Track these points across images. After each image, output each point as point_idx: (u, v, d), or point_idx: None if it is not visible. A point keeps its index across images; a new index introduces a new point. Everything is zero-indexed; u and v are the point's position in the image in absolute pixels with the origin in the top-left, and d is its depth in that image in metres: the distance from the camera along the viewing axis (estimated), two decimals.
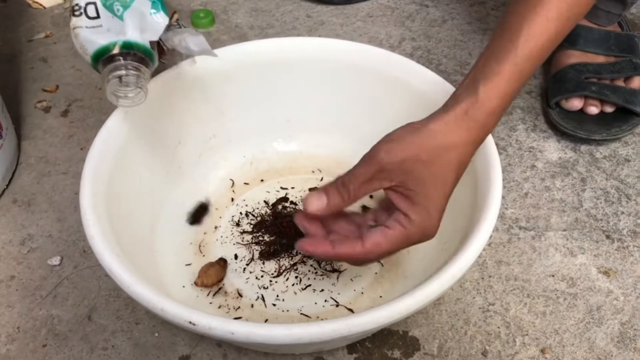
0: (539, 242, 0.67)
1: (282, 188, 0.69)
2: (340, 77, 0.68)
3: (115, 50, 0.50)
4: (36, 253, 0.66)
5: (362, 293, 0.60)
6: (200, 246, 0.64)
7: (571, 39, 0.79)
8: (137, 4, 0.50)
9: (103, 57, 0.51)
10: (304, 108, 0.70)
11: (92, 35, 0.49)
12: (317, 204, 0.49)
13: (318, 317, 0.58)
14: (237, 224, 0.66)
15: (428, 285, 0.46)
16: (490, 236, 0.66)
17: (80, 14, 0.49)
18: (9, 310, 0.62)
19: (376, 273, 0.62)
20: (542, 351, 0.58)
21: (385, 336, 0.59)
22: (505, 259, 0.65)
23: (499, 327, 0.60)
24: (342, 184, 0.48)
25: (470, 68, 0.50)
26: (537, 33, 0.47)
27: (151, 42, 0.52)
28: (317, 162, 0.71)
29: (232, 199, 0.68)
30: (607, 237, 0.67)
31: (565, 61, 0.79)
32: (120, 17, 0.49)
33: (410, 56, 0.88)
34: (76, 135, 0.79)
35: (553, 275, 0.64)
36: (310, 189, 0.69)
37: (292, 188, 0.69)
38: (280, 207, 0.67)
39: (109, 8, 0.49)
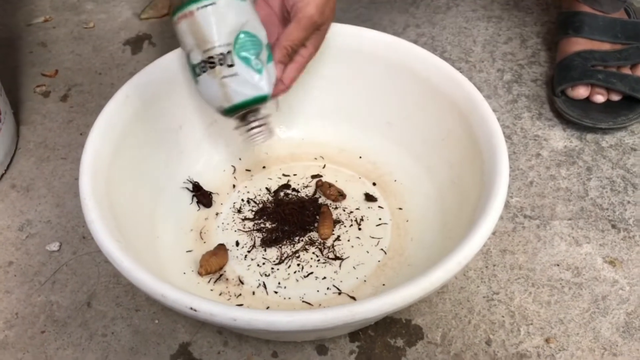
0: (544, 231, 0.66)
1: (284, 175, 0.68)
2: (343, 63, 0.67)
3: (261, 104, 0.55)
4: (35, 239, 0.66)
5: (365, 281, 0.60)
6: (201, 233, 0.63)
7: (576, 26, 0.78)
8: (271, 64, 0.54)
9: (243, 110, 0.54)
10: (306, 94, 0.69)
11: (238, 86, 0.52)
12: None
13: (320, 304, 0.58)
14: (239, 211, 0.65)
15: (432, 273, 0.45)
16: (495, 225, 0.66)
17: (223, 63, 0.51)
18: (7, 296, 0.61)
19: (379, 261, 0.61)
20: (547, 340, 0.57)
21: (388, 324, 0.59)
22: (509, 247, 0.64)
23: (503, 317, 0.59)
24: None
25: None
26: None
27: None
28: (320, 149, 0.70)
29: (234, 186, 0.67)
30: (613, 226, 0.66)
31: (571, 49, 0.78)
32: (259, 71, 0.52)
33: (415, 43, 0.87)
34: (75, 120, 0.78)
35: (558, 265, 0.63)
36: (312, 176, 0.68)
37: (295, 175, 0.68)
38: (282, 194, 0.66)
39: (244, 60, 0.52)
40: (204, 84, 0.53)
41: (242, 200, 0.66)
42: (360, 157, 0.70)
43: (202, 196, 0.65)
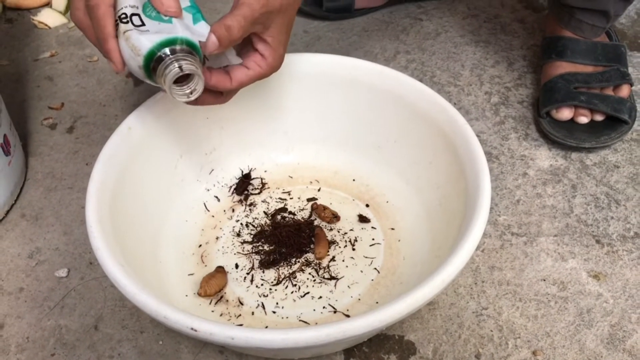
0: (530, 248, 0.69)
1: (280, 199, 0.72)
2: (336, 91, 0.70)
3: (169, 48, 0.51)
4: (44, 265, 0.69)
5: (359, 299, 0.62)
6: (202, 256, 0.66)
7: (558, 50, 0.81)
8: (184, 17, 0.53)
9: (155, 57, 0.51)
10: (301, 121, 0.73)
11: (142, 35, 0.51)
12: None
13: (316, 323, 0.60)
14: (238, 234, 0.68)
15: (419, 290, 0.48)
16: (483, 242, 0.69)
17: (127, 21, 0.51)
18: (18, 321, 0.64)
19: (373, 280, 0.64)
20: (534, 353, 0.60)
21: (381, 341, 0.61)
22: (497, 264, 0.67)
23: (491, 331, 0.62)
24: (229, 29, 0.53)
25: None
26: None
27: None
28: (315, 173, 0.74)
29: (233, 210, 0.71)
30: (597, 241, 0.69)
31: (555, 72, 0.81)
32: (169, 21, 0.52)
33: (405, 69, 0.91)
34: (81, 151, 0.82)
35: (544, 280, 0.66)
36: (308, 199, 0.71)
37: (291, 198, 0.72)
38: (279, 217, 0.69)
39: (154, 18, 0.52)
40: (123, 52, 0.52)
41: (241, 224, 0.69)
42: (354, 180, 0.73)
43: (242, 184, 0.71)
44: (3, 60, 0.96)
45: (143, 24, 0.51)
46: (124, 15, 0.51)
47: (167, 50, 0.51)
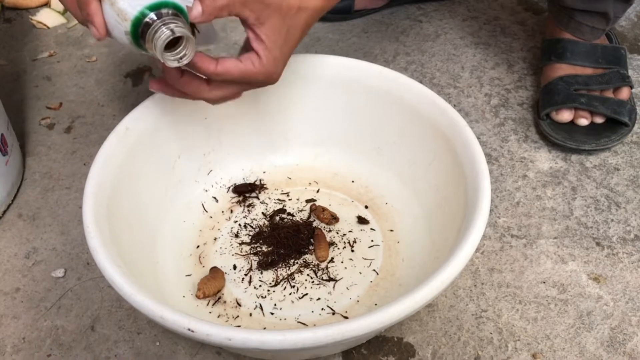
0: (530, 250, 0.68)
1: (279, 200, 0.71)
2: (335, 92, 0.70)
3: (156, 12, 0.49)
4: (41, 266, 0.68)
5: (358, 301, 0.62)
6: (200, 257, 0.66)
7: (559, 53, 0.81)
8: None
9: (143, 22, 0.49)
10: (300, 122, 0.72)
11: (129, 2, 0.48)
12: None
13: (315, 325, 0.60)
14: (236, 235, 0.68)
15: (418, 292, 0.48)
16: (483, 244, 0.68)
17: None
18: (14, 322, 0.64)
19: (371, 281, 0.63)
20: (534, 356, 0.60)
21: (380, 343, 0.61)
22: (497, 266, 0.67)
23: (491, 333, 0.61)
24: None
25: None
26: None
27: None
28: (314, 174, 0.73)
29: (231, 211, 0.70)
30: (597, 244, 0.69)
31: (555, 74, 0.81)
32: None
33: (405, 70, 0.91)
34: (79, 151, 0.81)
35: (544, 282, 0.65)
36: (307, 200, 0.71)
37: (289, 200, 0.71)
38: (277, 218, 0.69)
39: None
40: (107, 18, 0.50)
41: (239, 225, 0.69)
42: (353, 182, 0.72)
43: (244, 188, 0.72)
44: (1, 59, 0.96)
45: None
46: None
47: (154, 16, 0.48)
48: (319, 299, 0.62)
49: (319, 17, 0.56)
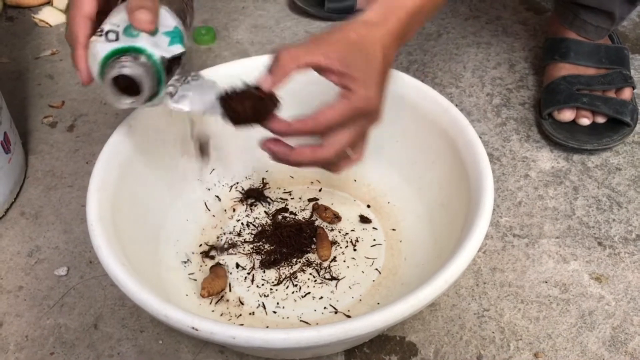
0: (532, 250, 0.68)
1: (281, 199, 0.71)
2: (337, 92, 0.70)
3: (121, 54, 0.51)
4: (43, 264, 0.68)
5: (360, 300, 0.62)
6: (202, 256, 0.66)
7: (562, 52, 0.81)
8: (157, 37, 0.52)
9: (107, 65, 0.51)
10: None
11: (104, 44, 0.51)
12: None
13: (317, 323, 0.60)
14: (239, 234, 0.68)
15: (420, 291, 0.48)
16: (485, 244, 0.68)
17: (101, 35, 0.51)
18: (17, 320, 0.64)
19: (374, 280, 0.63)
20: (536, 355, 0.60)
21: (382, 342, 0.61)
22: (499, 266, 0.67)
23: (493, 332, 0.61)
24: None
25: None
26: None
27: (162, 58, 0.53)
28: (316, 173, 0.73)
29: (234, 209, 0.70)
30: (599, 244, 0.69)
31: (557, 73, 0.81)
32: (137, 35, 0.51)
33: (407, 69, 0.91)
34: (82, 149, 0.81)
35: (546, 282, 0.65)
36: (309, 199, 0.71)
37: (292, 199, 0.71)
38: (280, 217, 0.69)
39: (128, 35, 0.51)
40: (90, 63, 0.52)
41: (242, 223, 0.69)
42: (355, 181, 0.72)
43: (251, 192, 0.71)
44: (4, 58, 0.96)
45: (117, 40, 0.51)
46: (100, 31, 0.52)
47: (117, 56, 0.50)
48: (321, 297, 0.62)
49: (398, 42, 0.54)
